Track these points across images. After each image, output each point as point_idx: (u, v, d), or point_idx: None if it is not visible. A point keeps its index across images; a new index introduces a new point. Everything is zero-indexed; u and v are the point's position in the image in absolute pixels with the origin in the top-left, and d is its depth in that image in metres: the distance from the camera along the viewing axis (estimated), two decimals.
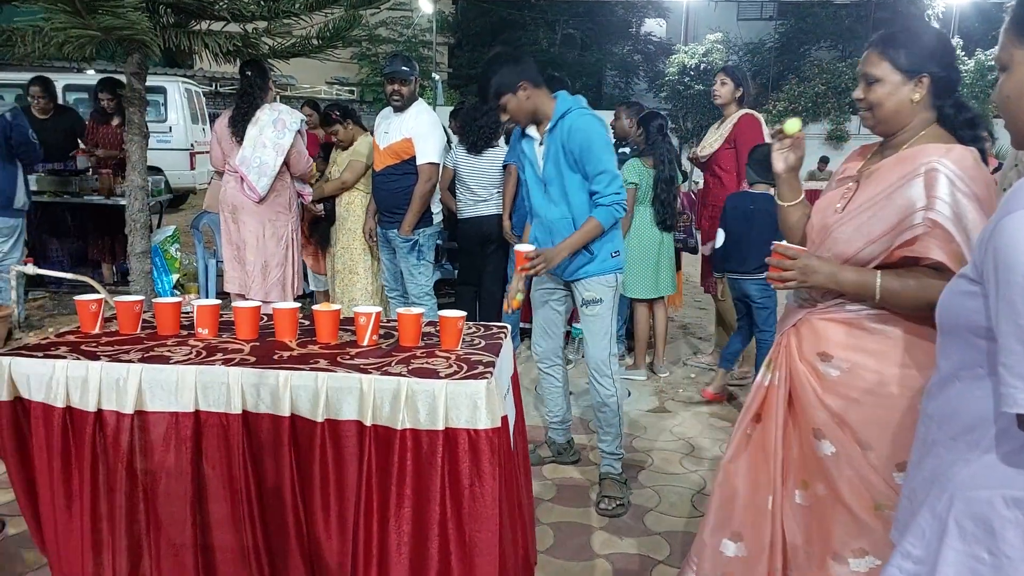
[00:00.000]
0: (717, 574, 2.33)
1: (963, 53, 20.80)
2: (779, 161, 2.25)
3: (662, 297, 5.38)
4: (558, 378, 3.82)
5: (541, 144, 3.42)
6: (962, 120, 2.01)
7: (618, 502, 3.47)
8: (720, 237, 4.73)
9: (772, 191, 4.73)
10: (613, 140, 7.54)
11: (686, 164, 8.84)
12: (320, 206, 5.79)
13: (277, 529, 2.39)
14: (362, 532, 2.27)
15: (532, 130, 3.45)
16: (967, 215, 1.82)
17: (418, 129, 4.75)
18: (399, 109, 4.81)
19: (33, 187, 6.32)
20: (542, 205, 3.48)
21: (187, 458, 2.32)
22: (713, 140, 5.28)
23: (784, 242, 2.11)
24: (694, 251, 5.91)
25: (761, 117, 5.19)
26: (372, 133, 5.17)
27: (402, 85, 4.76)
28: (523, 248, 3.27)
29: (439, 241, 5.43)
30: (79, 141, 7.28)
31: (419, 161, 4.75)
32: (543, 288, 3.68)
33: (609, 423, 3.59)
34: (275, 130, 4.78)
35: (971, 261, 1.35)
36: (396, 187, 4.82)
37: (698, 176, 6.65)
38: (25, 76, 10.61)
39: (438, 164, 4.83)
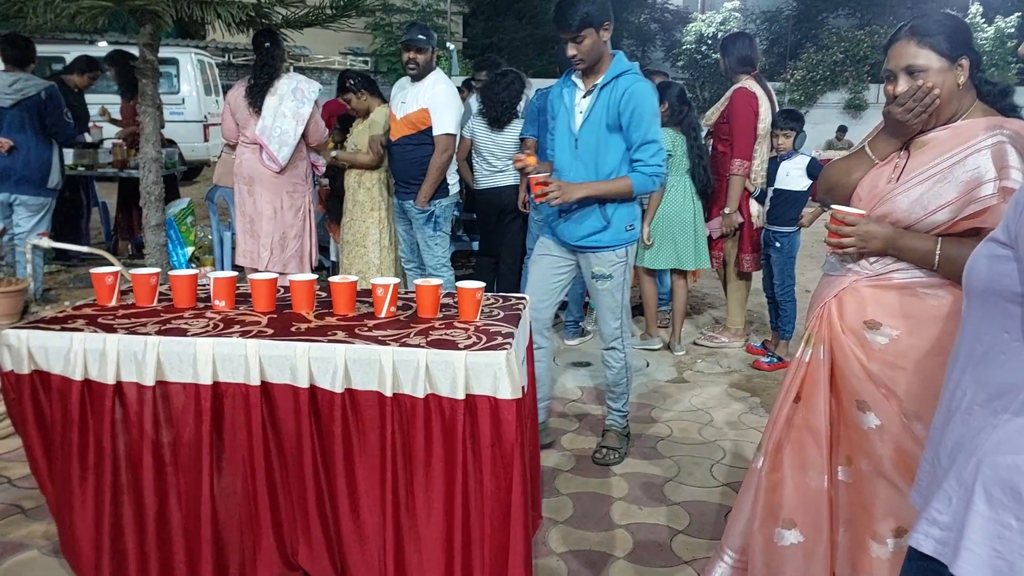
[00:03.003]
0: (774, 567, 2.26)
1: (983, 20, 20.48)
2: (905, 114, 2.01)
3: (684, 274, 5.25)
4: (543, 353, 3.63)
5: (585, 97, 3.30)
6: (997, 91, 2.00)
7: (616, 453, 3.59)
8: None
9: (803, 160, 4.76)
10: None
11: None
12: (325, 180, 5.76)
13: (299, 497, 2.39)
14: (390, 496, 2.26)
15: (579, 79, 3.34)
16: None
17: (435, 99, 4.69)
18: (415, 78, 4.75)
19: None
20: (567, 162, 3.35)
21: (207, 429, 2.33)
22: (712, 112, 5.25)
23: (842, 207, 2.05)
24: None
25: (756, 89, 5.01)
26: (388, 103, 5.12)
27: (418, 53, 4.69)
28: (539, 176, 3.18)
29: (456, 213, 5.39)
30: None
31: (436, 132, 4.70)
32: (548, 255, 3.52)
33: (617, 384, 3.65)
34: (294, 99, 4.75)
35: (1003, 224, 1.33)
36: (412, 157, 4.77)
37: None
38: (63, 49, 10.69)
39: (455, 135, 4.78)
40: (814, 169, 4.78)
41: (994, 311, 1.32)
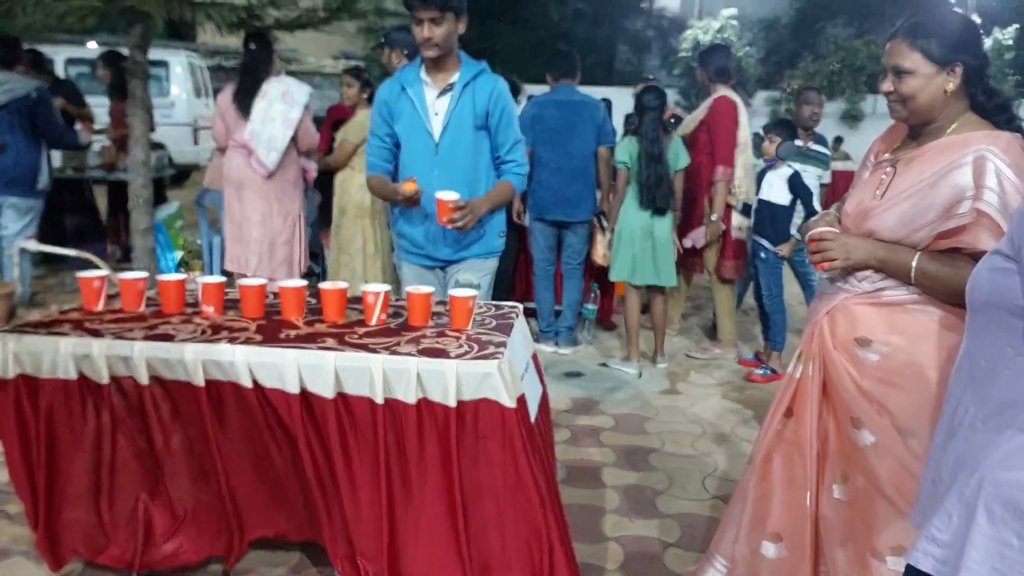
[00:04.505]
0: None
1: (980, 32, 20.58)
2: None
3: (662, 288, 5.06)
4: None
5: (440, 96, 3.08)
6: (995, 105, 1.97)
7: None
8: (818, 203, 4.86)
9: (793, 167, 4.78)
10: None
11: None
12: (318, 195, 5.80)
13: (297, 495, 2.42)
14: (385, 495, 2.24)
15: (427, 76, 3.09)
16: (1012, 205, 1.77)
17: None
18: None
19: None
20: (425, 169, 3.07)
21: (201, 429, 2.34)
22: (689, 121, 5.26)
23: (816, 229, 2.08)
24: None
25: (737, 99, 5.10)
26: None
27: (391, 51, 4.70)
28: (447, 196, 2.86)
29: None
30: (69, 111, 7.17)
31: None
32: (417, 266, 3.27)
33: None
34: (284, 104, 4.70)
35: (1007, 237, 1.32)
36: None
37: None
38: (53, 49, 10.62)
39: None
40: (796, 183, 4.80)
41: (998, 325, 1.31)
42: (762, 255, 4.92)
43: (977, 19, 20.11)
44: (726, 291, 5.33)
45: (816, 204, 4.81)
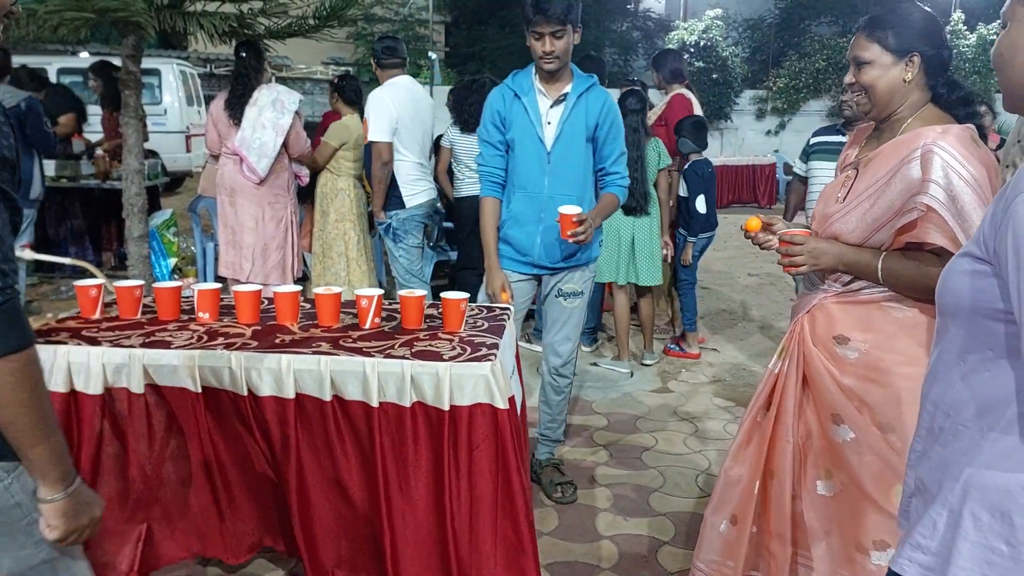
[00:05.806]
0: (710, 550, 2.36)
1: (964, 27, 20.63)
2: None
3: (648, 287, 5.15)
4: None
5: (553, 106, 3.09)
6: (956, 98, 2.00)
7: (573, 487, 3.42)
8: (703, 201, 5.09)
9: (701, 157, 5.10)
10: None
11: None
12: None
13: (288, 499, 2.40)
14: (383, 499, 2.26)
15: (541, 85, 3.09)
16: (963, 197, 1.80)
17: (367, 108, 4.74)
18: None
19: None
20: (536, 177, 3.10)
21: (195, 438, 2.35)
22: (649, 116, 5.45)
23: (789, 229, 2.12)
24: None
25: (692, 95, 5.58)
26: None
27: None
28: (570, 210, 2.88)
29: (426, 222, 5.31)
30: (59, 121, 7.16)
31: (368, 139, 4.74)
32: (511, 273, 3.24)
33: (561, 411, 3.47)
34: (274, 111, 4.74)
35: (976, 238, 1.28)
36: (368, 167, 4.82)
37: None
38: (45, 60, 10.59)
39: (386, 142, 4.69)
40: (688, 175, 5.13)
41: (970, 328, 1.28)
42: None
43: (962, 14, 20.22)
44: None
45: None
